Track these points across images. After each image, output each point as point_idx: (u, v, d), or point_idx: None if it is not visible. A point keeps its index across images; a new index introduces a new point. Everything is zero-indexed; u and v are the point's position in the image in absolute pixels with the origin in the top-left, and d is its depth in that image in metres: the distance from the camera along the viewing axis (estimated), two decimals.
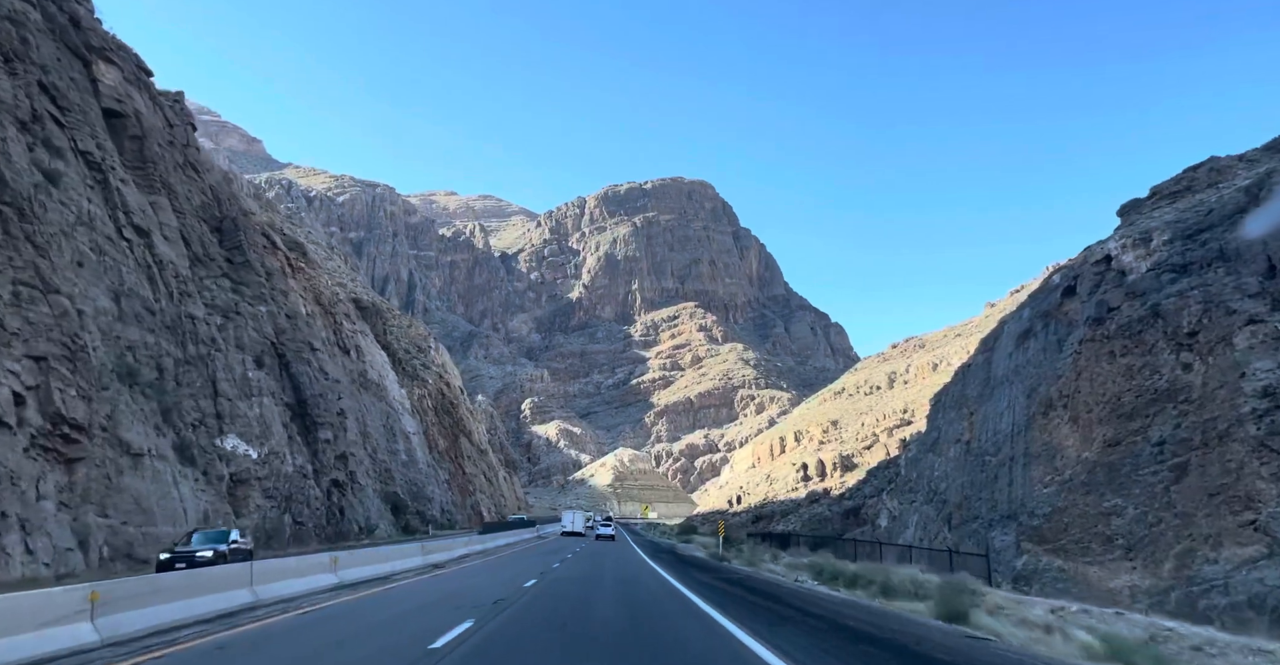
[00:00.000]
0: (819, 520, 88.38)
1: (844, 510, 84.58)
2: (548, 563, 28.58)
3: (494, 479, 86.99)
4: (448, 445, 63.88)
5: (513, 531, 48.53)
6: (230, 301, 19.88)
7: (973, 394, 57.32)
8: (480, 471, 77.03)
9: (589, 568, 26.43)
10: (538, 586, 17.69)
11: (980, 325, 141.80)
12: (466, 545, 30.16)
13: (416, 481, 46.17)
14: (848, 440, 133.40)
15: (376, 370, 46.57)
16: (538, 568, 24.15)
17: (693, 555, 41.01)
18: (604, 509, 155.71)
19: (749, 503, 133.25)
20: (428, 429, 58.41)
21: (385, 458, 41.84)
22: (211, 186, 24.28)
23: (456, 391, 79.79)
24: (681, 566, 30.14)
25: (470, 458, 71.20)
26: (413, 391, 59.08)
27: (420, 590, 16.96)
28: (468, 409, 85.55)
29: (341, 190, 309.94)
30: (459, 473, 63.92)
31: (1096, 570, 37.46)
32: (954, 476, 57.76)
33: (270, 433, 19.41)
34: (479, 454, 79.56)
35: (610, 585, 18.82)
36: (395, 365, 61.78)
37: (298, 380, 22.75)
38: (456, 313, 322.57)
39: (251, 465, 18.47)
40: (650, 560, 33.35)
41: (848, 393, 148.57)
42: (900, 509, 69.32)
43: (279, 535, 19.34)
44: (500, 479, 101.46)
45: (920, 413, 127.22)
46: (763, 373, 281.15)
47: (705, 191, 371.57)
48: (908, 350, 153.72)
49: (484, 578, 20.00)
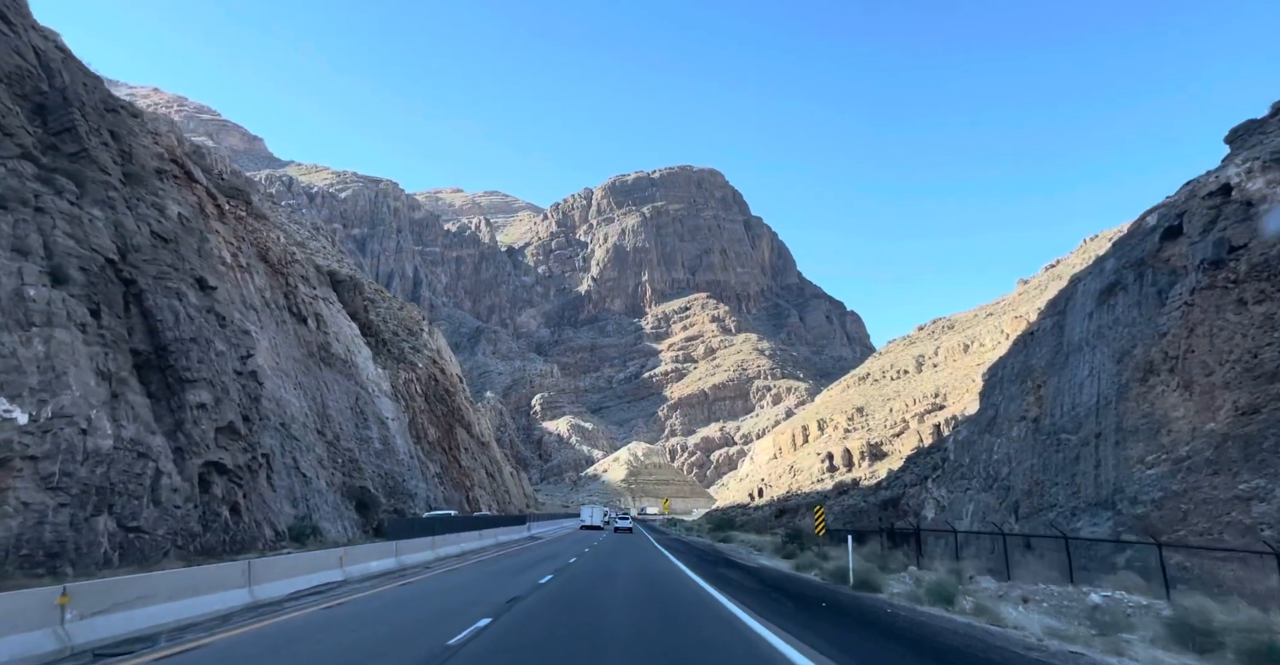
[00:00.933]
0: (853, 512, 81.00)
1: (880, 501, 77.17)
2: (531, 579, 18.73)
3: (497, 474, 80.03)
4: (440, 435, 56.86)
5: (470, 535, 31.16)
6: (25, 191, 12.89)
7: (1039, 364, 49.74)
8: (481, 466, 70.01)
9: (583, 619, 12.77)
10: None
11: (1014, 303, 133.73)
12: (337, 567, 17.14)
13: (394, 474, 39.15)
14: (875, 428, 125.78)
15: (344, 345, 39.54)
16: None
17: (766, 569, 27.34)
18: (618, 505, 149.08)
19: (771, 495, 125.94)
20: (414, 416, 51.39)
21: (353, 446, 34.85)
22: (37, 50, 17.25)
23: (454, 379, 72.81)
24: (793, 611, 15.15)
25: (468, 450, 64.17)
26: (398, 374, 52.11)
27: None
28: (467, 399, 78.56)
29: (344, 186, 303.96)
30: (453, 466, 56.91)
31: (1235, 568, 30.02)
32: (1020, 459, 50.19)
33: (63, 385, 12.31)
34: (479, 447, 72.54)
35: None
36: (379, 346, 54.87)
37: (154, 319, 15.61)
38: (464, 309, 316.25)
39: (15, 434, 11.38)
40: (709, 586, 19.27)
41: (873, 378, 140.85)
42: (950, 498, 61.83)
43: (89, 549, 12.30)
44: (506, 475, 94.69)
45: (955, 396, 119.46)
46: (778, 363, 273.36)
47: (715, 180, 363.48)
48: (935, 332, 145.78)
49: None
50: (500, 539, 37.20)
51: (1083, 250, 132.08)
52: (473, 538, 31.10)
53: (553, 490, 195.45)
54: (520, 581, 18.41)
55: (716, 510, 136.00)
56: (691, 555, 32.95)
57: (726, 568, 27.07)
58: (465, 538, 29.53)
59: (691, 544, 44.79)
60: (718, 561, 30.98)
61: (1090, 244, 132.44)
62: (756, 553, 37.56)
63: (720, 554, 36.07)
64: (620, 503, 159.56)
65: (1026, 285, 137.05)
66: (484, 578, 20.11)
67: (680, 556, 30.80)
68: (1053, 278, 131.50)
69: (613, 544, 40.33)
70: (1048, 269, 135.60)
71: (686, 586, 19.16)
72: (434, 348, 71.13)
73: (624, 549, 36.29)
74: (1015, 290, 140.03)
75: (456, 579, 19.60)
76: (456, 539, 28.20)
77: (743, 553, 38.38)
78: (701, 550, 38.47)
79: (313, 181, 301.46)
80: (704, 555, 33.93)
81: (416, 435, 51.11)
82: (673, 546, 39.18)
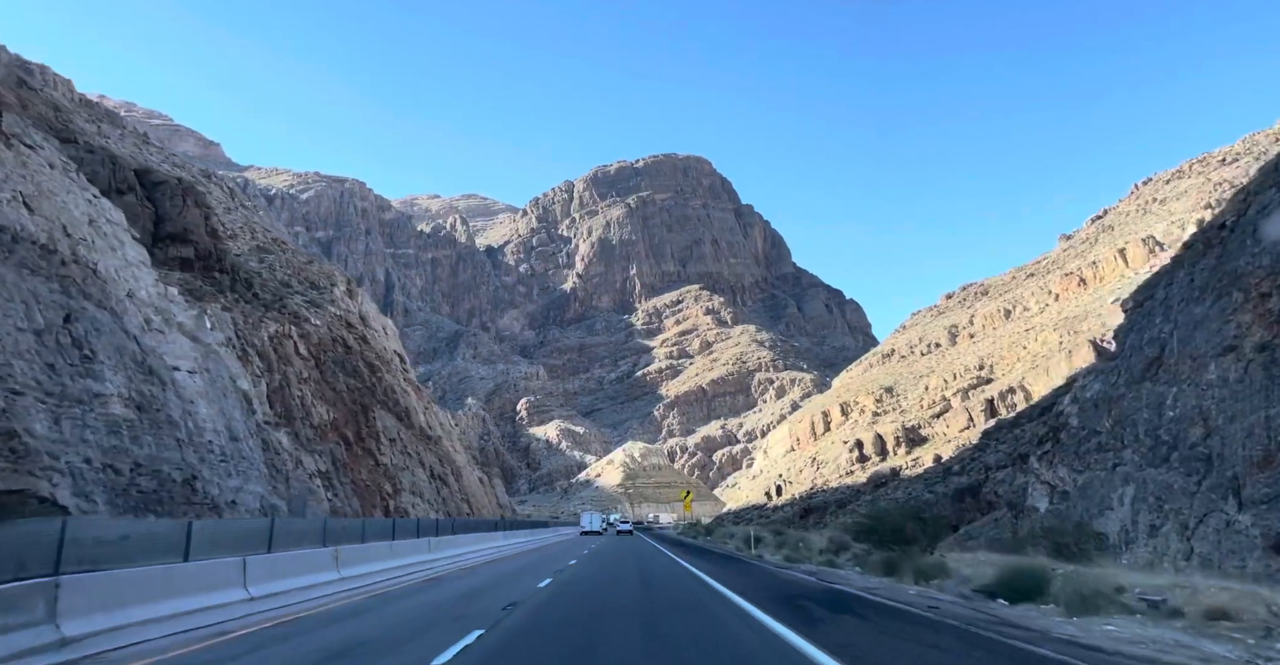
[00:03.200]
0: (913, 508, 62.67)
1: (954, 491, 59.07)
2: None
3: (452, 479, 61.40)
4: (342, 419, 38.26)
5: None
6: None
7: (1261, 263, 31.89)
8: (423, 466, 51.38)
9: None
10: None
11: (1059, 260, 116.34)
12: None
13: (188, 465, 20.45)
14: (909, 409, 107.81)
15: (79, 234, 20.91)
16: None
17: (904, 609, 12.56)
18: (612, 510, 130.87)
19: (792, 493, 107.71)
20: (285, 385, 32.68)
21: (78, 412, 16.54)
22: None
23: (382, 350, 54.36)
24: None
25: (396, 443, 45.58)
26: (263, 327, 33.45)
27: None
28: (407, 381, 60.06)
29: (305, 187, 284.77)
30: (360, 462, 38.24)
31: None
32: (1233, 411, 32.10)
33: None
34: (422, 442, 53.98)
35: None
36: (234, 284, 36.39)
37: None
38: (441, 313, 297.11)
39: None
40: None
41: (899, 355, 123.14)
42: (1081, 479, 43.36)
43: None
44: (471, 481, 76.09)
45: (1004, 366, 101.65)
46: (780, 354, 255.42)
47: (702, 167, 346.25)
48: (966, 299, 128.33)
49: None
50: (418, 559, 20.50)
51: (1135, 196, 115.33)
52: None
53: (541, 500, 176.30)
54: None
55: (729, 513, 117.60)
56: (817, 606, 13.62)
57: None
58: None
59: (770, 573, 24.08)
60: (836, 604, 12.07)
61: (1143, 189, 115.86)
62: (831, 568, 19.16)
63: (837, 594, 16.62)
64: (617, 510, 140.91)
65: (1071, 240, 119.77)
66: None
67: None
68: (1103, 229, 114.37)
69: (614, 572, 22.15)
70: (1094, 221, 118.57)
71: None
72: (348, 308, 52.62)
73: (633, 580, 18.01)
74: (1057, 247, 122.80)
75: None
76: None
77: (852, 579, 19.78)
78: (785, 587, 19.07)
79: (272, 184, 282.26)
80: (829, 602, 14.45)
81: (285, 414, 32.57)
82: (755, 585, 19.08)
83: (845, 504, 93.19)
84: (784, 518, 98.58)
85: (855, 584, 18.76)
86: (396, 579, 20.15)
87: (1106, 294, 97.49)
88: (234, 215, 64.77)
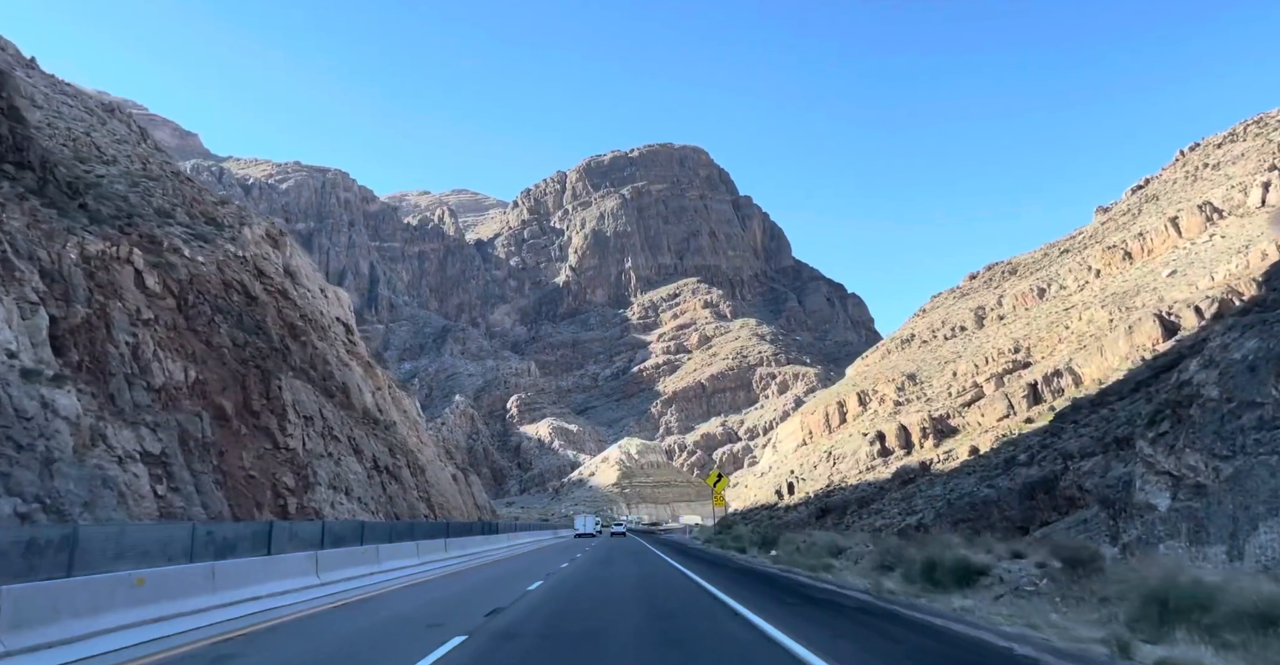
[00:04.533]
0: (967, 506, 51.93)
1: (1021, 486, 48.00)
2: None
3: (408, 475, 50.13)
4: (217, 382, 26.99)
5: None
6: None
7: None
8: (365, 455, 40.15)
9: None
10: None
11: (1098, 233, 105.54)
12: None
13: None
14: (935, 397, 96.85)
15: None
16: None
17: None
18: (606, 511, 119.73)
19: (807, 491, 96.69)
20: (97, 326, 21.32)
21: None
22: None
23: (312, 313, 43.20)
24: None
25: (316, 423, 34.16)
26: (74, 243, 21.99)
27: None
28: (351, 352, 48.77)
29: (285, 177, 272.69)
30: (243, 443, 26.92)
31: None
32: None
33: None
34: (365, 425, 42.84)
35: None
36: (79, 206, 25.22)
37: None
38: (429, 308, 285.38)
39: None
40: None
41: (920, 340, 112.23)
42: (1233, 467, 32.60)
43: None
44: (440, 479, 65.11)
45: (1043, 348, 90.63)
46: (781, 347, 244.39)
47: (699, 157, 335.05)
48: (992, 280, 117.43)
49: None
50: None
51: (1182, 163, 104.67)
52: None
53: (531, 501, 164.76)
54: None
55: (735, 514, 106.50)
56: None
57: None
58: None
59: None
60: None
61: (1190, 155, 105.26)
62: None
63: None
64: (612, 511, 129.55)
65: (1109, 212, 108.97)
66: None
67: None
68: (1146, 199, 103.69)
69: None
70: (1136, 191, 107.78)
71: None
72: (263, 255, 41.31)
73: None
74: (1094, 221, 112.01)
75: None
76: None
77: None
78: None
79: (250, 174, 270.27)
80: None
81: (93, 365, 21.27)
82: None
83: (868, 503, 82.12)
84: (798, 518, 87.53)
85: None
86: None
87: (1159, 267, 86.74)
88: (101, 135, 53.14)
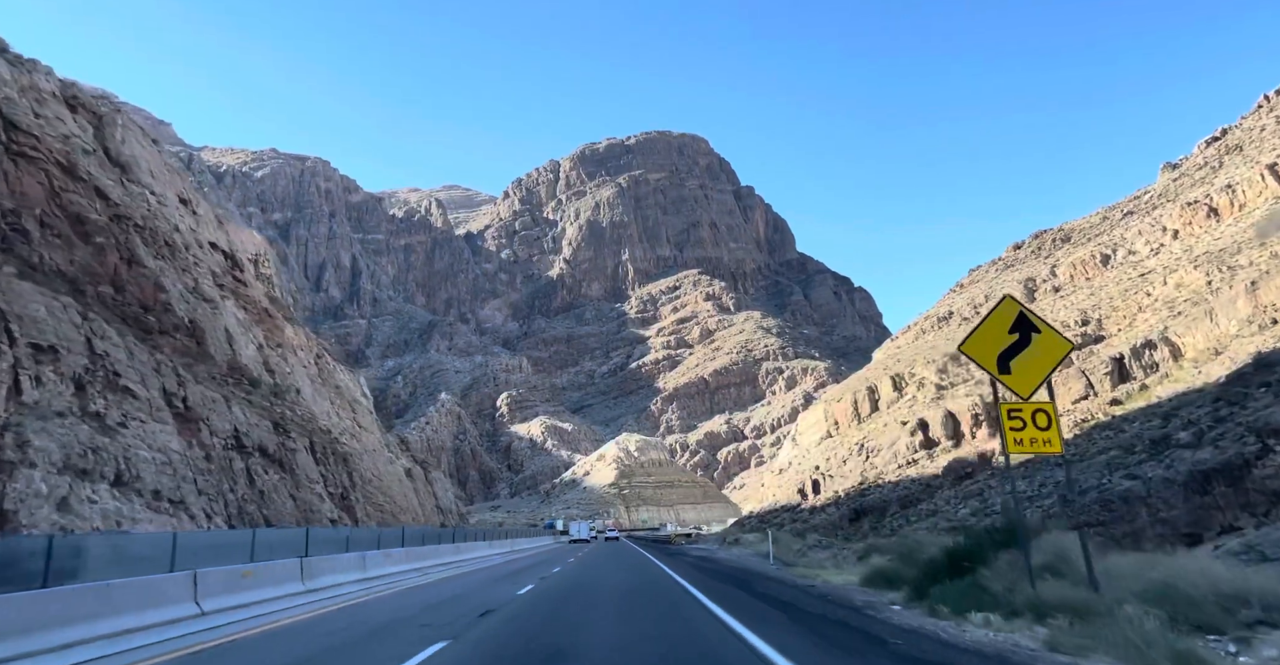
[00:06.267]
0: (1099, 504, 37.19)
1: (1186, 475, 33.45)
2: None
3: (309, 464, 35.00)
4: None
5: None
6: None
7: None
8: (219, 430, 25.01)
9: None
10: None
11: (1170, 191, 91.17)
12: None
13: None
14: (986, 379, 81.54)
15: None
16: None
17: None
18: (602, 516, 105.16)
19: (836, 490, 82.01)
20: None
21: None
22: None
23: (139, 202, 28.26)
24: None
25: (59, 354, 18.97)
26: None
27: None
28: (217, 274, 33.92)
29: (261, 164, 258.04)
30: None
31: None
32: None
33: None
34: (226, 386, 27.92)
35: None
36: None
37: None
38: (416, 303, 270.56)
39: None
40: None
41: (959, 316, 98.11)
42: None
43: None
44: (386, 472, 50.33)
45: (1117, 319, 75.79)
46: (789, 341, 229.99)
47: (698, 146, 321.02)
48: (1042, 249, 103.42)
49: None
50: None
51: (1268, 108, 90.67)
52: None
53: (520, 504, 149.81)
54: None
55: (750, 517, 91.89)
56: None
57: None
58: None
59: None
60: None
61: (1276, 98, 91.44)
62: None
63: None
64: (609, 513, 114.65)
65: (1179, 169, 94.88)
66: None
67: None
68: (1226, 150, 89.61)
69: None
70: (1212, 142, 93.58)
71: None
72: (66, 132, 26.63)
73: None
74: (1160, 179, 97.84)
75: None
76: None
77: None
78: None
79: (223, 161, 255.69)
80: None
81: None
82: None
83: (914, 502, 67.34)
84: (828, 521, 72.76)
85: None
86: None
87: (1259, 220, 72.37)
88: None
